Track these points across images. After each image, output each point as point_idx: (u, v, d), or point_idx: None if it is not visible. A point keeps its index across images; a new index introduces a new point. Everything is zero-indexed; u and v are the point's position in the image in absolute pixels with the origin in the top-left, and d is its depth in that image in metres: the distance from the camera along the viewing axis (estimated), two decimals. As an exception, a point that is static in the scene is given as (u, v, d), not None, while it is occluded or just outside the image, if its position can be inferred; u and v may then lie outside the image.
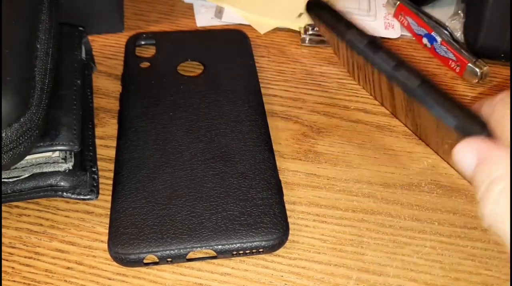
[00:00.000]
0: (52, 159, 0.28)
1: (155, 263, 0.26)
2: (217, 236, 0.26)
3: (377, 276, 0.26)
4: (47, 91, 0.27)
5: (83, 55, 0.34)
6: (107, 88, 0.36)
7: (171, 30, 0.41)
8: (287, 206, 0.28)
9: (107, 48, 0.39)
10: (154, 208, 0.27)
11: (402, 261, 0.26)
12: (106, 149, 0.32)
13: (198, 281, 0.26)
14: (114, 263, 0.26)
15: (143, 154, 0.30)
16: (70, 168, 0.28)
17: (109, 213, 0.27)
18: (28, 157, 0.27)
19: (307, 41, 0.39)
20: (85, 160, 0.29)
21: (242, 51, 0.37)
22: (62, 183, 0.28)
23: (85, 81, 0.33)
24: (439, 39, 0.37)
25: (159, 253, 0.25)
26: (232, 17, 0.42)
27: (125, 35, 0.39)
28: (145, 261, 0.25)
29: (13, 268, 0.26)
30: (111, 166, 0.30)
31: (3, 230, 0.28)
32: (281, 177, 0.29)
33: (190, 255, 0.26)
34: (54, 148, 0.27)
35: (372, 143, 0.32)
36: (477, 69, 0.35)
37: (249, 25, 0.41)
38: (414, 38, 0.40)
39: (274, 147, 0.31)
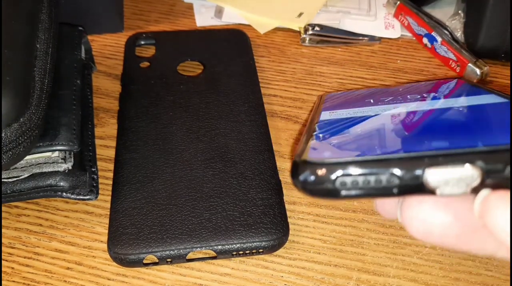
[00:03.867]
0: (52, 159, 0.28)
1: (155, 264, 0.26)
2: (217, 236, 0.26)
3: (377, 276, 0.26)
4: (46, 91, 0.27)
5: (83, 55, 0.34)
6: (106, 88, 0.36)
7: (171, 30, 0.41)
8: (287, 206, 0.28)
9: (106, 48, 0.39)
10: (154, 208, 0.27)
11: (403, 261, 0.26)
12: (105, 149, 0.32)
13: (198, 281, 0.26)
14: (114, 263, 0.26)
15: (143, 154, 0.29)
16: (70, 168, 0.28)
17: (108, 213, 0.27)
18: (27, 157, 0.27)
19: (307, 41, 0.39)
20: (84, 160, 0.29)
21: (242, 51, 0.37)
22: (61, 183, 0.27)
23: (85, 81, 0.33)
24: (439, 39, 0.37)
25: (158, 254, 0.25)
26: (232, 17, 0.42)
27: (125, 35, 0.39)
28: (144, 261, 0.25)
29: (12, 268, 0.26)
30: (111, 166, 0.30)
31: (3, 230, 0.28)
32: (281, 177, 0.29)
33: (190, 256, 0.26)
34: (54, 148, 0.27)
35: (372, 143, 0.32)
36: (477, 69, 0.35)
37: (249, 25, 0.41)
38: (414, 38, 0.40)
39: (274, 147, 0.31)
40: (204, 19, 0.42)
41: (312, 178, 0.15)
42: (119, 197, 0.27)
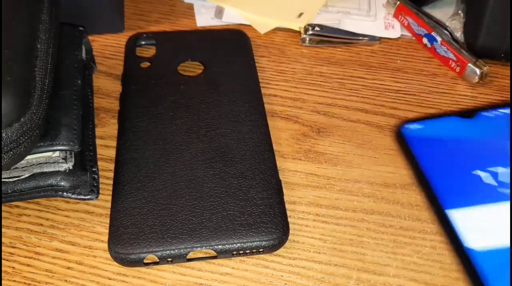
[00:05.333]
0: (53, 158, 0.28)
1: (155, 263, 0.26)
2: (217, 236, 0.26)
3: (377, 276, 0.26)
4: (47, 91, 0.27)
5: (84, 55, 0.34)
6: (107, 88, 0.36)
7: (172, 30, 0.41)
8: (287, 206, 0.28)
9: (107, 48, 0.39)
10: (154, 207, 0.27)
11: (402, 261, 0.26)
12: (106, 149, 0.32)
13: (198, 281, 0.26)
14: (115, 263, 0.26)
15: (143, 153, 0.30)
16: (71, 167, 0.28)
17: (109, 213, 0.27)
18: (28, 157, 0.27)
19: (307, 41, 0.39)
20: (85, 159, 0.29)
21: (242, 51, 0.37)
22: (62, 183, 0.28)
23: (86, 81, 0.33)
24: (439, 39, 0.37)
25: (159, 253, 0.25)
26: (232, 17, 0.42)
27: (125, 35, 0.39)
28: (145, 261, 0.25)
29: (13, 268, 0.26)
30: (111, 166, 0.30)
31: (3, 230, 0.28)
32: (281, 176, 0.29)
33: (190, 255, 0.26)
34: (54, 148, 0.27)
35: (372, 143, 0.32)
36: (477, 69, 0.35)
37: (249, 25, 0.41)
38: (414, 38, 0.40)
39: (274, 147, 0.31)
40: (204, 19, 0.42)
41: None
42: (119, 197, 0.27)
